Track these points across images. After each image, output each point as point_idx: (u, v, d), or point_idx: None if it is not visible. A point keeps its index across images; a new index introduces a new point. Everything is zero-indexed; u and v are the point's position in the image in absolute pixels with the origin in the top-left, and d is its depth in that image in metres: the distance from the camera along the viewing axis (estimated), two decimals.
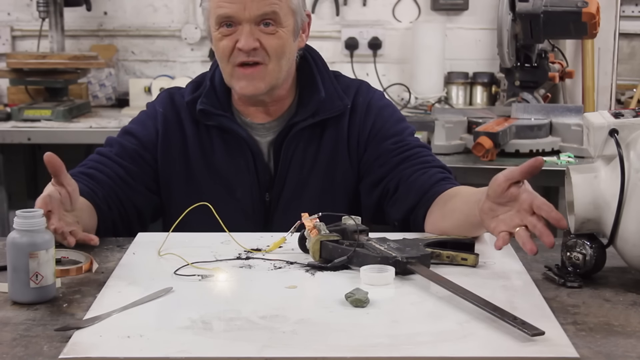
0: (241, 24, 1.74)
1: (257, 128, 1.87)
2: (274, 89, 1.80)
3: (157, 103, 1.91)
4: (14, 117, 3.39)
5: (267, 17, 1.74)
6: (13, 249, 1.31)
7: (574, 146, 2.83)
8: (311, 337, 1.16)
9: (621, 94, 3.74)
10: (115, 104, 3.91)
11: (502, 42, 2.95)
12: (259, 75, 1.77)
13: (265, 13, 1.74)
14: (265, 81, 1.77)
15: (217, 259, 1.52)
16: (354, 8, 3.93)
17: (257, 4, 1.73)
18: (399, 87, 3.90)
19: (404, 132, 1.87)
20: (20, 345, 1.15)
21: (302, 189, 1.85)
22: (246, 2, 1.73)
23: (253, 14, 1.73)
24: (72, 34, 3.90)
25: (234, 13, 1.74)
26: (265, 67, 1.77)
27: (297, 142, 1.85)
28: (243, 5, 1.73)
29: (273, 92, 1.81)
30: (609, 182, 1.40)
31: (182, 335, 1.17)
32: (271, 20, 1.75)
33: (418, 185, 1.75)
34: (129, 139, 1.86)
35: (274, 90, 1.81)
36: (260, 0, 1.73)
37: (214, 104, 1.84)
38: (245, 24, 1.74)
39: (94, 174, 1.78)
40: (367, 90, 1.92)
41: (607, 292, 1.38)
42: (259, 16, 1.74)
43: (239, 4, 1.73)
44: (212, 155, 1.86)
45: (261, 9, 1.73)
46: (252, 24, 1.74)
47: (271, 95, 1.82)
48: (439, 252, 1.49)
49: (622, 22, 3.57)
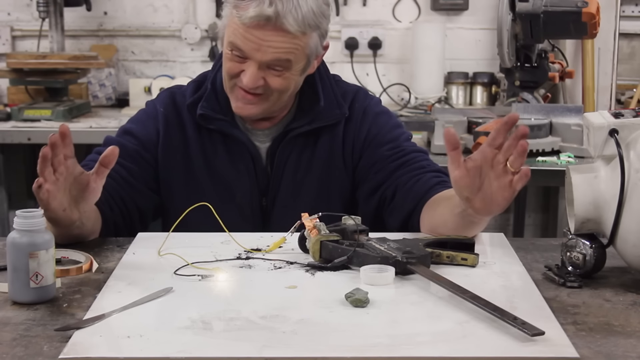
0: (251, 59, 1.71)
1: (257, 133, 1.86)
2: (268, 112, 1.80)
3: (158, 102, 1.90)
4: (14, 117, 3.39)
5: (277, 63, 1.71)
6: (13, 249, 1.31)
7: (574, 146, 2.83)
8: (311, 337, 1.16)
9: (621, 94, 3.74)
10: (115, 104, 3.91)
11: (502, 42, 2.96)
12: (257, 102, 1.76)
13: (278, 59, 1.70)
14: (262, 108, 1.77)
15: (217, 259, 1.52)
16: (354, 8, 3.93)
17: (272, 49, 1.69)
18: (399, 87, 3.90)
19: (399, 138, 1.86)
20: (20, 345, 1.15)
21: (297, 194, 1.85)
22: (262, 45, 1.68)
23: (265, 58, 1.70)
24: (72, 34, 3.91)
25: (247, 50, 1.70)
26: (265, 98, 1.76)
27: (292, 147, 1.84)
28: (258, 46, 1.69)
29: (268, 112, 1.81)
30: (609, 182, 1.40)
31: (182, 335, 1.17)
32: (281, 66, 1.72)
33: (414, 192, 1.75)
34: (129, 139, 1.85)
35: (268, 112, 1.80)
36: (276, 47, 1.69)
37: (214, 108, 1.84)
38: (254, 63, 1.71)
39: None
40: (364, 97, 1.91)
41: (607, 292, 1.38)
42: (270, 62, 1.71)
43: (253, 44, 1.68)
44: (213, 158, 1.85)
45: (274, 56, 1.69)
46: (261, 63, 1.71)
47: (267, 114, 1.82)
48: (439, 252, 1.49)
49: (622, 22, 3.57)
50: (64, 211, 1.54)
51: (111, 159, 1.54)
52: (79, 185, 1.54)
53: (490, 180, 1.43)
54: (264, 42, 1.68)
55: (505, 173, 1.41)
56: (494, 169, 1.42)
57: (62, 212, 1.54)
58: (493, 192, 1.44)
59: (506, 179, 1.41)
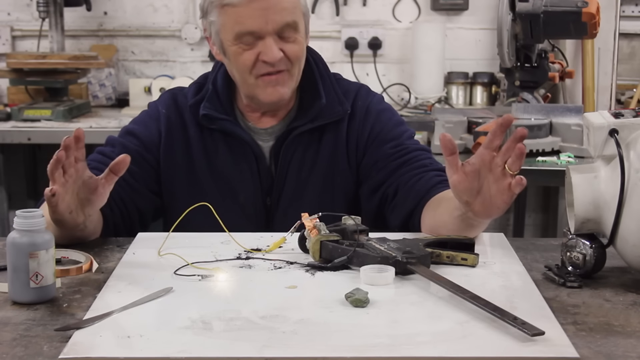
0: (264, 37, 1.73)
1: (260, 133, 1.87)
2: (292, 92, 1.82)
3: (160, 103, 1.90)
4: (14, 117, 3.39)
5: (288, 27, 1.74)
6: (13, 249, 1.31)
7: (574, 146, 2.84)
8: (311, 337, 1.16)
9: (621, 94, 3.74)
10: (115, 104, 3.91)
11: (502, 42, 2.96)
12: (283, 80, 1.77)
13: (288, 23, 1.73)
14: (288, 86, 1.79)
15: (217, 259, 1.52)
16: (354, 8, 3.94)
17: (279, 15, 1.72)
18: (399, 87, 3.90)
19: (402, 136, 1.87)
20: (20, 345, 1.15)
21: (301, 193, 1.85)
22: (268, 16, 1.71)
23: (277, 26, 1.72)
24: (72, 34, 3.91)
25: (257, 28, 1.72)
26: (288, 73, 1.77)
27: (296, 146, 1.85)
28: (265, 19, 1.71)
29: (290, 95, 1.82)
30: (609, 182, 1.40)
31: (182, 335, 1.17)
32: (291, 28, 1.75)
33: (415, 191, 1.75)
34: (131, 140, 1.85)
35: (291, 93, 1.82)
36: (281, 11, 1.72)
37: (216, 108, 1.84)
38: (268, 37, 1.73)
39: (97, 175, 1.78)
40: (367, 94, 1.92)
41: (607, 292, 1.38)
42: (281, 28, 1.73)
43: (260, 18, 1.71)
44: (216, 158, 1.85)
45: (283, 20, 1.72)
46: (274, 35, 1.73)
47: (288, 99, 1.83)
48: (439, 252, 1.49)
49: (622, 22, 3.57)
50: (70, 213, 1.54)
51: (121, 167, 1.54)
52: (86, 189, 1.55)
53: (489, 184, 1.43)
54: (268, 11, 1.71)
55: (504, 176, 1.41)
56: (493, 172, 1.42)
57: (69, 215, 1.54)
58: (492, 196, 1.44)
59: (505, 182, 1.41)
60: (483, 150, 1.42)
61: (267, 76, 1.76)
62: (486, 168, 1.43)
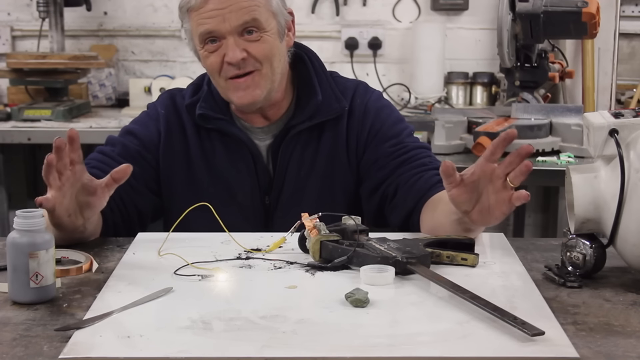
0: (225, 38, 1.74)
1: (256, 132, 1.87)
2: (270, 92, 1.80)
3: (159, 104, 1.91)
4: (14, 117, 3.39)
5: (248, 26, 1.73)
6: (13, 249, 1.31)
7: (574, 146, 2.84)
8: (311, 337, 1.16)
9: (621, 94, 3.74)
10: (115, 104, 3.91)
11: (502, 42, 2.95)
12: (254, 82, 1.76)
13: (246, 21, 1.73)
14: (261, 87, 1.77)
15: (217, 259, 1.52)
16: (354, 8, 3.93)
17: (235, 14, 1.72)
18: (399, 87, 3.90)
19: (402, 134, 1.86)
20: (20, 345, 1.15)
21: (301, 191, 1.85)
22: (224, 14, 1.72)
23: (234, 24, 1.72)
24: (72, 34, 3.91)
25: (215, 27, 1.73)
26: (259, 73, 1.76)
27: (295, 144, 1.85)
28: (222, 18, 1.72)
29: (270, 96, 1.81)
30: (609, 182, 1.40)
31: (182, 335, 1.17)
32: (253, 27, 1.74)
33: (415, 190, 1.75)
34: (130, 139, 1.85)
35: (270, 94, 1.80)
36: (238, 10, 1.72)
37: (212, 108, 1.84)
38: (228, 36, 1.73)
39: (97, 174, 1.77)
40: (365, 91, 1.91)
41: (607, 292, 1.38)
42: (239, 26, 1.73)
43: (217, 18, 1.72)
44: (213, 158, 1.86)
45: (241, 18, 1.72)
46: (235, 35, 1.73)
47: (268, 100, 1.81)
48: (439, 252, 1.49)
49: (622, 22, 3.57)
50: (69, 217, 1.54)
51: (122, 176, 1.54)
52: (86, 192, 1.55)
53: (489, 194, 1.44)
54: (224, 9, 1.72)
55: (505, 188, 1.41)
56: (493, 184, 1.43)
57: (67, 218, 1.54)
58: (491, 206, 1.44)
59: (505, 194, 1.41)
60: (483, 161, 1.42)
61: (236, 79, 1.76)
62: (486, 179, 1.43)
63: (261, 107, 1.82)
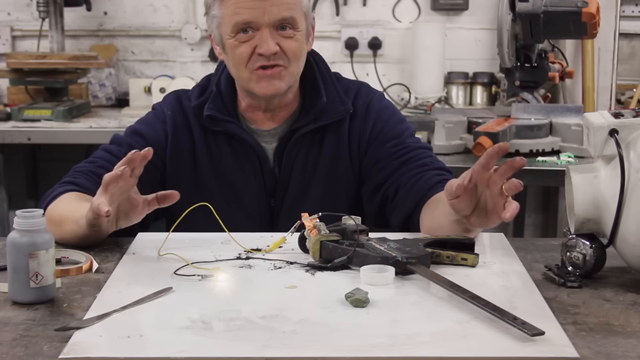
0: (260, 29, 1.74)
1: (262, 135, 1.87)
2: (289, 90, 1.81)
3: (165, 105, 1.90)
4: (14, 117, 3.39)
5: (285, 22, 1.75)
6: (13, 249, 1.31)
7: (574, 146, 2.83)
8: (311, 337, 1.16)
9: (621, 94, 3.74)
10: (115, 104, 3.91)
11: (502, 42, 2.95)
12: (279, 75, 1.77)
13: (284, 17, 1.74)
14: (285, 81, 1.78)
15: (217, 259, 1.52)
16: (354, 8, 3.93)
17: (277, 8, 1.73)
18: (399, 87, 3.90)
19: (403, 134, 1.87)
20: (20, 345, 1.15)
21: (305, 193, 1.85)
22: (265, 7, 1.73)
23: (273, 18, 1.73)
24: (72, 34, 3.91)
25: (254, 18, 1.73)
26: (285, 70, 1.77)
27: (299, 147, 1.85)
28: (262, 10, 1.73)
29: (286, 94, 1.82)
30: (609, 182, 1.40)
31: (182, 335, 1.17)
32: (289, 24, 1.75)
33: (415, 191, 1.75)
34: (137, 140, 1.85)
35: (288, 92, 1.82)
36: (279, 5, 1.73)
37: (220, 110, 1.84)
38: (264, 28, 1.74)
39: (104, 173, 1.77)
40: (367, 92, 1.92)
41: (607, 292, 1.38)
42: (278, 20, 1.74)
43: (258, 9, 1.73)
44: (220, 160, 1.86)
45: (280, 13, 1.74)
46: (271, 28, 1.74)
47: (283, 99, 1.83)
48: (439, 252, 1.49)
49: (622, 22, 3.56)
50: (108, 222, 1.56)
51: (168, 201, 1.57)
52: (129, 204, 1.56)
53: (487, 198, 1.45)
54: (266, 2, 1.73)
55: (501, 195, 1.42)
56: (491, 189, 1.44)
57: (106, 224, 1.56)
58: (489, 210, 1.46)
59: (502, 200, 1.42)
60: (480, 169, 1.43)
61: (262, 70, 1.76)
62: (484, 184, 1.44)
63: (273, 106, 1.83)
